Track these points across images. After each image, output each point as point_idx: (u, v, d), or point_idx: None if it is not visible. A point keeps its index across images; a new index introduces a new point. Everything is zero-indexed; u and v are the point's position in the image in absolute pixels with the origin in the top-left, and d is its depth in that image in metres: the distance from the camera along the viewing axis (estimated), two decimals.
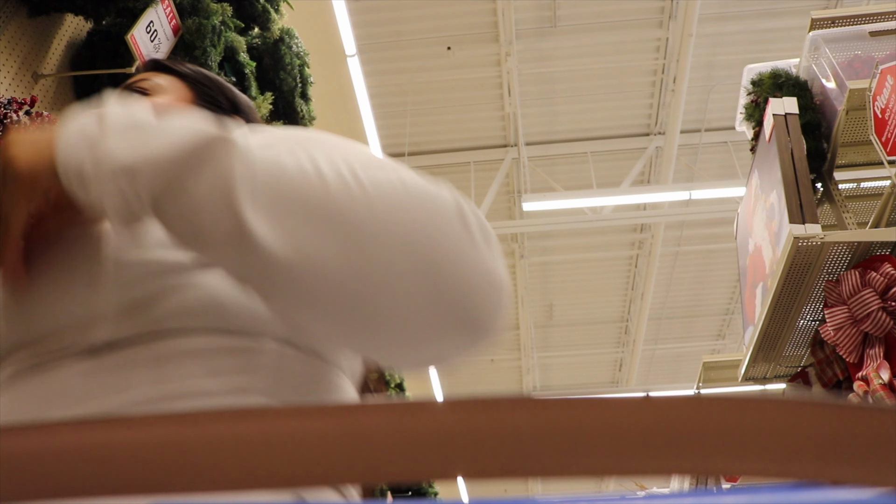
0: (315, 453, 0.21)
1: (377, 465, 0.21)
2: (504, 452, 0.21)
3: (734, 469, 0.21)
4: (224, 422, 0.22)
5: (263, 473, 0.21)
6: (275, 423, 0.22)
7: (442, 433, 0.21)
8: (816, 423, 0.21)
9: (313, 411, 0.22)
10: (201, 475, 0.22)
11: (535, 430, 0.21)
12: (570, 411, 0.21)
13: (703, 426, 0.21)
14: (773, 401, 0.21)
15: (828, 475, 0.21)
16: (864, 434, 0.20)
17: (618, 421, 0.21)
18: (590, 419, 0.21)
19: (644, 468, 0.21)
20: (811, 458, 0.21)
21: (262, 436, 0.22)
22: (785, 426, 0.21)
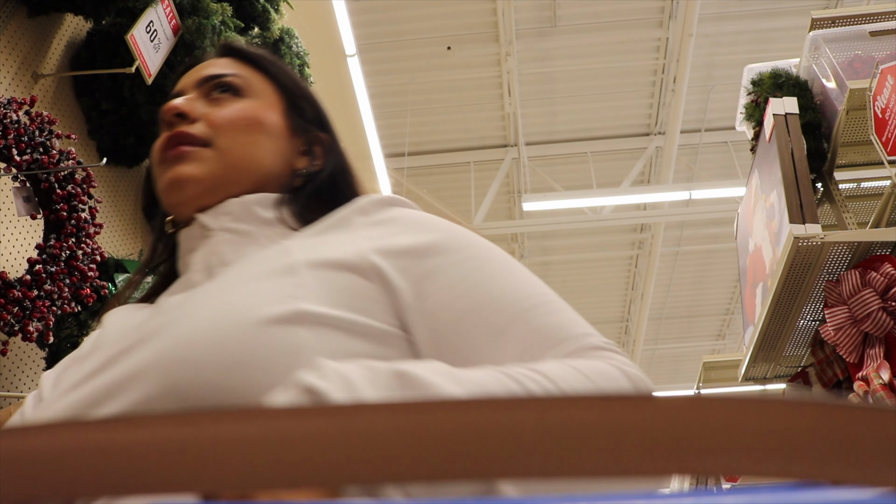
0: (315, 453, 0.21)
1: (377, 465, 0.21)
2: (504, 452, 0.21)
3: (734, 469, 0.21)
4: (224, 422, 0.22)
5: (263, 473, 0.21)
6: (275, 423, 0.22)
7: (442, 433, 0.21)
8: (816, 423, 0.21)
9: (313, 411, 0.22)
10: (201, 475, 0.22)
11: (535, 430, 0.21)
12: (571, 411, 0.21)
13: (703, 426, 0.21)
14: (773, 401, 0.21)
15: (828, 475, 0.21)
16: (864, 434, 0.20)
17: (618, 421, 0.21)
18: (590, 419, 0.21)
19: (644, 468, 0.21)
20: (811, 458, 0.21)
21: (262, 436, 0.22)
22: (785, 426, 0.21)
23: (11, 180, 2.02)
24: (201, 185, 0.75)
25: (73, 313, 2.12)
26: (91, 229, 2.13)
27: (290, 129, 0.80)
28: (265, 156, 0.77)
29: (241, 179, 0.76)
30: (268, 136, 0.78)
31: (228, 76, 0.79)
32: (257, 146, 0.77)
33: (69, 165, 2.06)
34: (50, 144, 2.03)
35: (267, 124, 0.78)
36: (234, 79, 0.79)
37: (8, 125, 1.92)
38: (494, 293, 0.61)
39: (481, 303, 0.61)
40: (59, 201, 2.06)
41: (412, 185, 7.29)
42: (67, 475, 0.22)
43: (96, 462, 0.22)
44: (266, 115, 0.78)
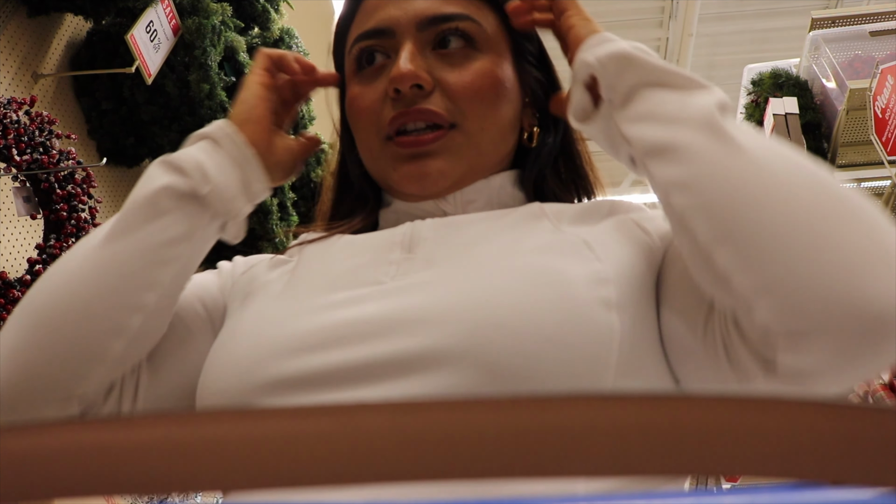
0: (315, 453, 0.21)
1: (377, 465, 0.21)
2: (504, 452, 0.21)
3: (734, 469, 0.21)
4: (224, 422, 0.22)
5: (263, 473, 0.21)
6: (275, 423, 0.22)
7: (442, 433, 0.21)
8: (816, 423, 0.21)
9: (313, 411, 0.22)
10: (201, 475, 0.22)
11: (535, 429, 0.21)
12: (570, 411, 0.21)
13: (703, 426, 0.21)
14: (773, 401, 0.21)
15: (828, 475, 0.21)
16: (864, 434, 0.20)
17: (618, 421, 0.21)
18: (590, 419, 0.21)
19: (644, 468, 0.21)
20: (811, 458, 0.21)
21: (262, 436, 0.22)
22: (785, 426, 0.21)
23: (11, 180, 2.02)
24: (451, 180, 0.63)
25: None
26: (91, 229, 2.13)
27: (520, 81, 0.68)
28: (509, 126, 0.66)
29: (489, 162, 0.65)
30: (510, 102, 0.66)
31: (464, 19, 0.63)
32: (505, 118, 0.65)
33: (69, 165, 2.06)
34: (50, 144, 2.03)
35: (508, 86, 0.65)
36: (470, 25, 0.63)
37: (8, 125, 1.92)
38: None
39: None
40: (59, 201, 2.06)
41: None
42: (67, 475, 0.22)
43: (96, 462, 0.22)
44: (506, 74, 0.65)
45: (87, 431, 0.22)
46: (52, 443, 0.22)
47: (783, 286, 0.44)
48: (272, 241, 3.02)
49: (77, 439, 0.22)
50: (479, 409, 0.22)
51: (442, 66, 0.63)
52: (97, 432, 0.22)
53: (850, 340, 0.42)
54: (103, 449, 0.22)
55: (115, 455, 0.22)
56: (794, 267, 0.43)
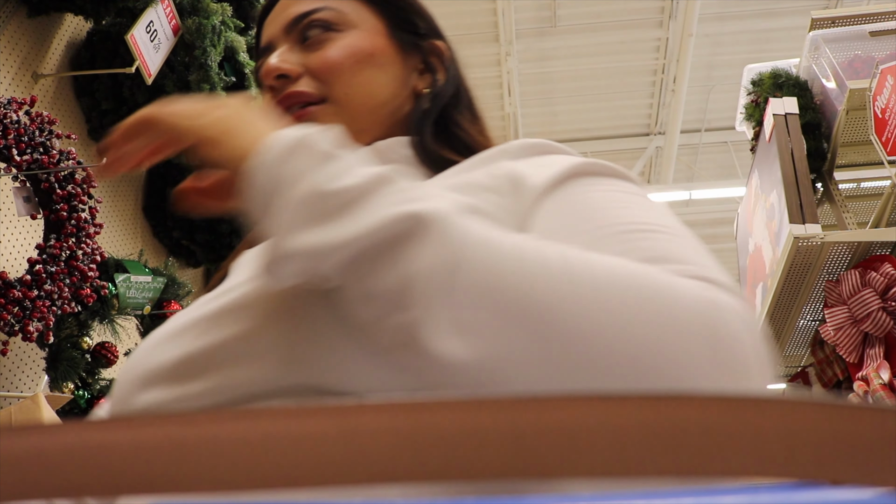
0: (315, 453, 0.21)
1: (377, 466, 0.21)
2: (504, 452, 0.21)
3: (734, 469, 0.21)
4: (224, 422, 0.22)
5: (263, 473, 0.21)
6: (275, 423, 0.22)
7: (442, 433, 0.21)
8: (816, 423, 0.21)
9: (313, 411, 0.22)
10: (201, 475, 0.22)
11: (535, 430, 0.21)
12: (570, 411, 0.21)
13: (703, 426, 0.21)
14: (773, 401, 0.21)
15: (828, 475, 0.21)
16: (864, 434, 0.20)
17: (618, 421, 0.21)
18: (590, 419, 0.21)
19: (644, 468, 0.21)
20: (811, 458, 0.21)
21: (262, 436, 0.22)
22: (785, 426, 0.21)
23: (11, 180, 2.03)
24: None
25: (73, 313, 2.12)
26: (91, 229, 2.13)
27: (401, 49, 0.71)
28: (385, 91, 0.69)
29: (369, 126, 0.68)
30: (381, 68, 0.69)
31: (318, 11, 0.68)
32: (375, 83, 0.68)
33: (69, 165, 2.06)
34: (50, 144, 2.03)
35: (376, 54, 0.69)
36: (325, 13, 0.68)
37: (8, 125, 1.92)
38: (602, 213, 0.51)
39: (583, 218, 0.51)
40: (59, 201, 2.06)
41: None
42: (67, 475, 0.22)
43: (96, 462, 0.22)
44: (372, 44, 0.69)
45: (87, 431, 0.22)
46: (52, 443, 0.22)
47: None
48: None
49: (77, 439, 0.22)
50: (479, 409, 0.22)
51: (307, 55, 0.68)
52: (97, 432, 0.22)
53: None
54: (103, 449, 0.22)
55: (115, 455, 0.22)
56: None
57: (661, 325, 0.39)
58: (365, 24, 0.70)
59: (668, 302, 0.40)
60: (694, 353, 0.38)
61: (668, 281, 0.41)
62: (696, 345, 0.39)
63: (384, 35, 0.70)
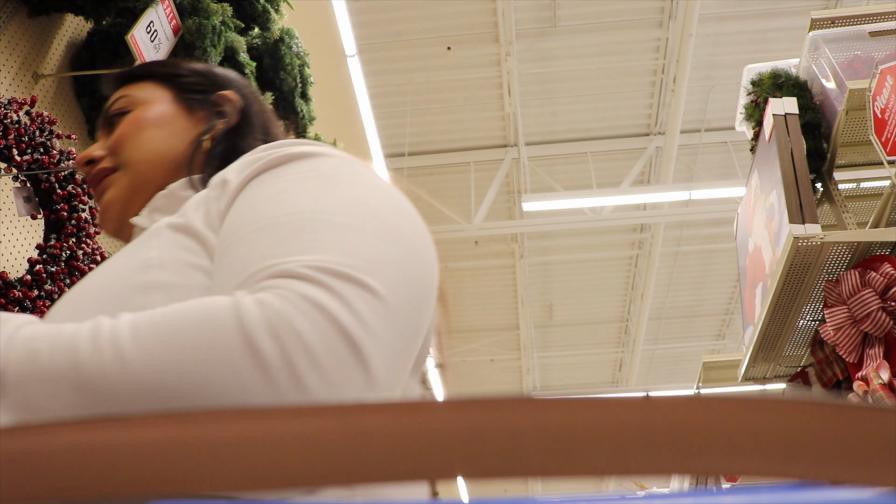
0: (315, 453, 0.21)
1: (377, 465, 0.21)
2: (504, 452, 0.21)
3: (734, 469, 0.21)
4: (224, 422, 0.22)
5: (263, 473, 0.21)
6: (275, 423, 0.22)
7: (442, 433, 0.21)
8: (816, 423, 0.21)
9: (313, 411, 0.22)
10: (201, 475, 0.22)
11: (535, 430, 0.21)
12: (570, 411, 0.21)
13: (703, 426, 0.21)
14: (773, 401, 0.21)
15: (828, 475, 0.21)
16: (864, 434, 0.20)
17: (618, 421, 0.21)
18: (590, 419, 0.21)
19: (644, 468, 0.21)
20: (811, 458, 0.21)
21: (262, 436, 0.22)
22: (785, 426, 0.21)
23: (12, 180, 2.02)
24: (121, 202, 0.79)
25: None
26: (91, 229, 2.13)
27: (187, 108, 0.83)
28: (166, 145, 0.80)
29: (154, 178, 0.78)
30: (160, 127, 0.81)
31: (115, 103, 0.82)
32: (154, 141, 0.80)
33: (69, 165, 2.06)
34: (50, 144, 2.03)
35: (153, 118, 0.81)
36: (120, 102, 0.82)
37: (8, 125, 1.92)
38: (257, 211, 0.55)
39: (243, 218, 0.56)
40: (60, 201, 2.06)
41: (412, 185, 7.25)
42: (67, 475, 0.22)
43: (96, 462, 0.22)
44: (151, 111, 0.81)
45: (87, 431, 0.22)
46: (52, 443, 0.22)
47: None
48: None
49: (77, 439, 0.22)
50: (479, 409, 0.22)
51: (108, 138, 0.82)
52: (97, 432, 0.22)
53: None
54: (103, 449, 0.22)
55: (115, 455, 0.22)
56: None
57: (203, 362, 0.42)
58: (153, 97, 0.82)
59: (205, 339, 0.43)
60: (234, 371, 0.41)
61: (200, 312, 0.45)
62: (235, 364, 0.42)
63: (170, 101, 0.83)
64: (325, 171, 0.60)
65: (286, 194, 0.56)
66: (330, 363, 0.41)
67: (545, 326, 9.75)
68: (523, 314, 9.18)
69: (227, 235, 0.56)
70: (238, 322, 0.43)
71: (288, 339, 0.41)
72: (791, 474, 0.21)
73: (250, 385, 0.41)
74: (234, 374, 0.41)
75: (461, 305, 9.26)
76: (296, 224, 0.52)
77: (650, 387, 10.65)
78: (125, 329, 0.47)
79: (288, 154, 0.62)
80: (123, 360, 0.45)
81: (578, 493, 0.37)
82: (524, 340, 9.66)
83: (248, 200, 0.58)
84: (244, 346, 0.42)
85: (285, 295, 0.43)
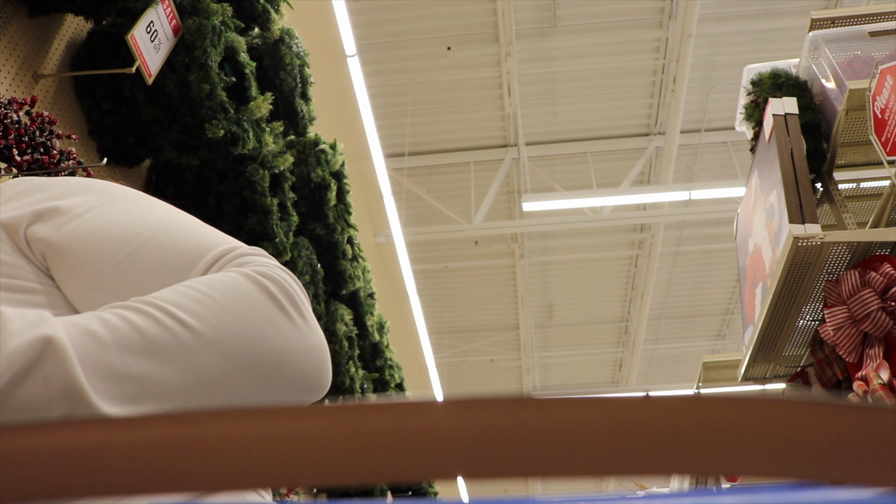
0: (315, 453, 0.21)
1: (377, 465, 0.21)
2: (504, 452, 0.21)
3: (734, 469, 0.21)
4: (224, 422, 0.22)
5: (263, 473, 0.21)
6: (275, 423, 0.22)
7: (442, 433, 0.21)
8: (816, 423, 0.21)
9: (313, 411, 0.22)
10: (201, 475, 0.22)
11: (535, 430, 0.21)
12: (570, 411, 0.21)
13: (703, 426, 0.21)
14: (773, 401, 0.21)
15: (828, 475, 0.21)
16: (864, 434, 0.20)
17: (618, 421, 0.21)
18: (590, 419, 0.21)
19: (644, 468, 0.21)
20: (811, 458, 0.21)
21: (262, 436, 0.22)
22: (785, 426, 0.21)
23: None
24: None
25: None
26: None
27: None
28: None
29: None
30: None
31: None
32: None
33: (69, 165, 2.06)
34: (50, 144, 2.03)
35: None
36: None
37: (8, 125, 1.92)
38: (124, 223, 0.65)
39: (111, 232, 0.64)
40: None
41: (412, 185, 7.29)
42: (67, 475, 0.22)
43: (96, 462, 0.22)
44: None
45: (87, 431, 0.22)
46: (52, 443, 0.22)
47: None
48: (272, 241, 3.02)
49: (77, 439, 0.22)
50: (479, 409, 0.22)
51: None
52: (97, 432, 0.22)
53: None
54: (103, 449, 0.22)
55: (115, 455, 0.22)
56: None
57: (247, 314, 0.59)
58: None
59: (244, 297, 0.60)
60: (270, 318, 0.60)
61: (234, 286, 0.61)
62: (268, 313, 0.60)
63: None
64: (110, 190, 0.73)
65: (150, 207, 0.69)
66: (302, 295, 0.64)
67: (545, 326, 9.75)
68: (523, 314, 9.18)
69: (115, 242, 0.64)
70: (255, 283, 0.61)
71: (285, 285, 0.63)
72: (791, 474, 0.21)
73: (273, 316, 0.60)
74: (266, 311, 0.60)
75: (461, 305, 9.26)
76: (190, 226, 0.67)
77: (650, 387, 10.65)
78: (164, 305, 0.57)
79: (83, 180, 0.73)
80: (193, 330, 0.56)
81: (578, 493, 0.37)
82: (524, 340, 9.66)
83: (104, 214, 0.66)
84: (265, 295, 0.60)
85: (263, 263, 0.64)
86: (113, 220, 0.65)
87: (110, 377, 0.52)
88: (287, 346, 0.60)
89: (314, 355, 0.62)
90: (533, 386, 10.54)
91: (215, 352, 0.56)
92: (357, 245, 4.12)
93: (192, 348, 0.55)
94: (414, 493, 5.13)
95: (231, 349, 0.57)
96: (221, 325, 0.57)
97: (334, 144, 3.60)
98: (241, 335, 0.58)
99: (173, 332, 0.55)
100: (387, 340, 4.87)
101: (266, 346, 0.58)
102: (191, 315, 0.56)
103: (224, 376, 0.56)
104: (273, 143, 2.93)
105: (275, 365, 0.59)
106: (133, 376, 0.53)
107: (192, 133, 2.59)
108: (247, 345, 0.57)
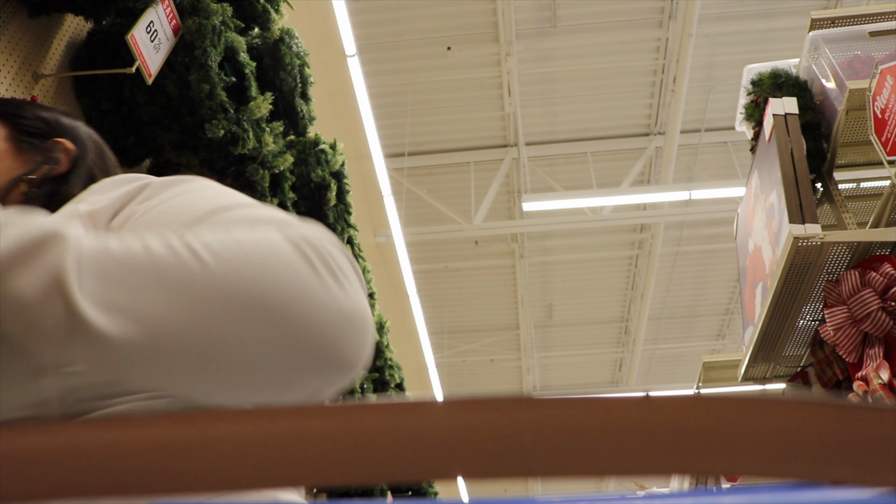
0: (315, 453, 0.21)
1: (377, 465, 0.21)
2: (504, 452, 0.21)
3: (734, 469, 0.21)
4: (224, 422, 0.22)
5: (263, 473, 0.21)
6: (275, 423, 0.22)
7: (442, 433, 0.21)
8: (816, 423, 0.21)
9: (313, 411, 0.22)
10: (201, 475, 0.22)
11: (535, 430, 0.21)
12: (570, 411, 0.21)
13: (703, 426, 0.21)
14: (773, 401, 0.21)
15: (828, 475, 0.21)
16: (864, 434, 0.20)
17: (618, 421, 0.21)
18: (590, 419, 0.21)
19: (644, 468, 0.21)
20: (811, 458, 0.21)
21: (262, 436, 0.22)
22: (785, 426, 0.21)
23: None
24: None
25: None
26: None
27: (16, 148, 0.86)
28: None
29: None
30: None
31: None
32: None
33: None
34: None
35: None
36: None
37: None
38: (190, 204, 0.65)
39: (176, 212, 0.64)
40: None
41: (412, 185, 7.29)
42: (67, 475, 0.22)
43: (96, 462, 0.22)
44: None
45: (87, 431, 0.22)
46: (52, 443, 0.22)
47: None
48: None
49: (77, 439, 0.22)
50: (479, 409, 0.22)
51: None
52: (97, 432, 0.22)
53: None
54: (103, 449, 0.22)
55: (115, 455, 0.22)
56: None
57: (270, 264, 0.56)
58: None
59: (270, 248, 0.57)
60: (297, 275, 0.56)
61: (262, 237, 0.58)
62: (297, 270, 0.56)
63: (3, 139, 0.86)
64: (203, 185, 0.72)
65: (219, 192, 0.69)
66: (345, 264, 0.59)
67: (545, 326, 9.75)
68: (523, 314, 9.18)
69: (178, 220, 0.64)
70: (289, 241, 0.58)
71: (322, 249, 0.58)
72: (791, 474, 0.21)
73: (299, 271, 0.56)
74: (292, 265, 0.56)
75: (461, 305, 9.26)
76: (255, 208, 0.66)
77: (650, 387, 10.66)
78: (195, 239, 0.56)
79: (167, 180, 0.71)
80: (203, 262, 0.54)
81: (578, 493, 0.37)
82: (524, 340, 9.66)
83: (176, 200, 0.66)
84: (297, 252, 0.57)
85: (300, 236, 0.60)
86: (192, 202, 0.65)
87: (104, 281, 0.51)
88: (308, 303, 0.55)
89: (342, 320, 0.55)
90: (533, 386, 10.54)
91: (221, 289, 0.53)
92: (357, 245, 4.12)
93: (197, 276, 0.53)
94: (414, 493, 5.13)
95: (238, 292, 0.53)
96: (236, 263, 0.54)
97: (334, 144, 3.60)
98: (255, 280, 0.54)
99: (181, 259, 0.53)
100: (387, 340, 4.87)
101: (281, 299, 0.54)
102: (208, 250, 0.55)
103: (226, 323, 0.52)
104: (273, 143, 2.93)
105: (289, 323, 0.53)
106: (127, 288, 0.52)
107: (192, 133, 2.59)
108: (258, 292, 0.54)
